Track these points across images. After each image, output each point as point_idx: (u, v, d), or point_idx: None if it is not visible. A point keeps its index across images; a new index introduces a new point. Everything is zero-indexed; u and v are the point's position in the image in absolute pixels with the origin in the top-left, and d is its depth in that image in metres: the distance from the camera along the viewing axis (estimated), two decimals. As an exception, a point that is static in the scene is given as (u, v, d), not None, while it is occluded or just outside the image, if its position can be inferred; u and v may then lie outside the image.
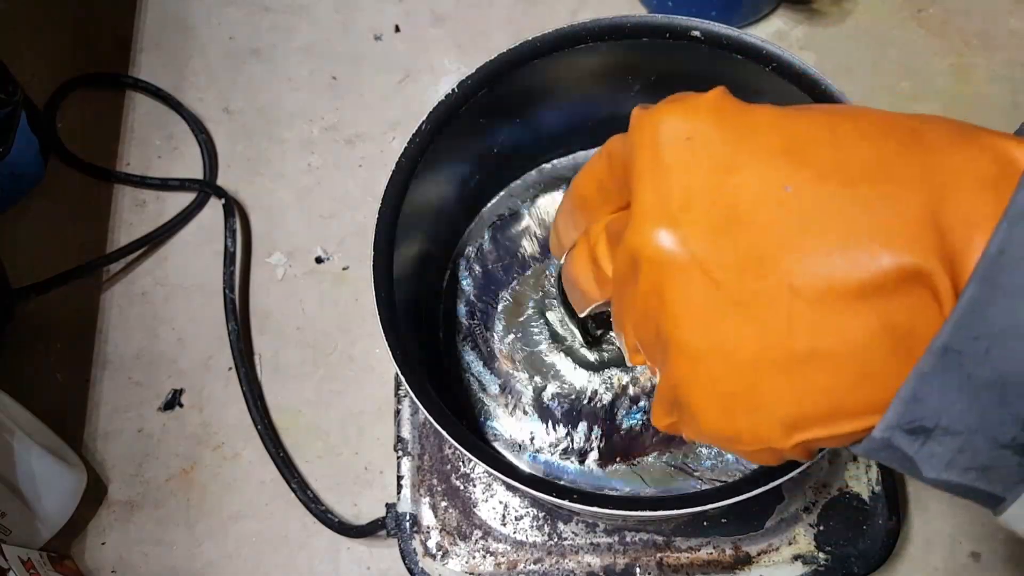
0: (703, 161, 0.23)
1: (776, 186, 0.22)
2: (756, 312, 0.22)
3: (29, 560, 0.48)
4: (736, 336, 0.22)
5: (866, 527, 0.47)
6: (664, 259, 0.23)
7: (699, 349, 0.23)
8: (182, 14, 0.70)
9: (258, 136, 0.65)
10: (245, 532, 0.54)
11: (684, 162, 0.23)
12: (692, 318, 0.23)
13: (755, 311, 0.22)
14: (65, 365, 0.59)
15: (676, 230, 0.23)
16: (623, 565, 0.46)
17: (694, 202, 0.23)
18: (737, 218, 0.22)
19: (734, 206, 0.22)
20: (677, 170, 0.23)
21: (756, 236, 0.22)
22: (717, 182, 0.23)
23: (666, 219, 0.23)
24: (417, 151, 0.43)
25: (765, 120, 0.23)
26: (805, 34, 0.66)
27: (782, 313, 0.22)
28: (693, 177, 0.23)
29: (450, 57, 0.67)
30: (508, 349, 0.48)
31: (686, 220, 0.23)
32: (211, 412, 0.57)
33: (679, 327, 0.23)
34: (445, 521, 0.48)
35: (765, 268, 0.22)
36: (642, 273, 0.24)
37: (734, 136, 0.23)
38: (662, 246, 0.23)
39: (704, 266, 0.22)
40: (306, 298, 0.60)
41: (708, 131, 0.23)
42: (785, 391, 0.22)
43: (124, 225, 0.63)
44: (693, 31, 0.43)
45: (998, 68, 0.64)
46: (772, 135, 0.23)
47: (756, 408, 0.23)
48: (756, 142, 0.23)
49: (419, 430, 0.50)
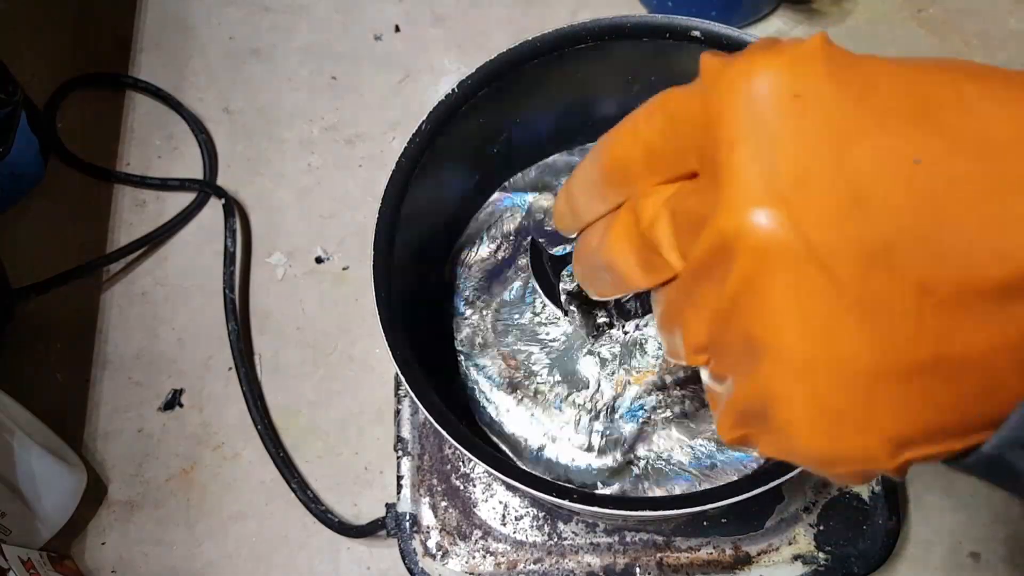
0: (817, 126, 0.19)
1: (905, 160, 0.18)
2: (878, 314, 0.19)
3: (29, 560, 0.48)
4: (852, 343, 0.19)
5: (866, 527, 0.47)
6: (771, 249, 0.19)
7: (805, 359, 0.19)
8: (182, 14, 0.70)
9: (258, 136, 0.65)
10: (245, 532, 0.54)
11: (793, 127, 0.19)
12: (800, 322, 0.19)
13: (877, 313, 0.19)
14: (65, 365, 0.59)
15: (788, 213, 0.18)
16: (623, 565, 0.46)
17: (809, 178, 0.18)
18: (860, 199, 0.18)
19: (856, 184, 0.18)
20: (786, 137, 0.19)
21: (883, 222, 0.18)
22: (836, 153, 0.18)
23: (774, 199, 0.19)
24: (417, 151, 0.43)
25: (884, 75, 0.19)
26: (805, 34, 0.66)
27: (909, 315, 0.18)
28: (806, 146, 0.19)
29: (450, 57, 0.67)
30: (508, 349, 0.48)
31: (800, 201, 0.18)
32: (211, 412, 0.57)
33: (781, 332, 0.19)
34: (445, 521, 0.48)
35: (893, 261, 0.18)
36: (736, 265, 0.19)
37: (852, 94, 0.19)
38: (769, 233, 0.19)
39: (822, 259, 0.18)
40: (306, 298, 0.60)
41: (820, 87, 0.19)
42: (900, 407, 0.19)
43: (124, 225, 0.63)
44: (693, 31, 0.43)
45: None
46: (895, 94, 0.19)
47: (866, 427, 0.20)
48: (877, 103, 0.19)
49: (419, 430, 0.50)
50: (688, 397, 0.46)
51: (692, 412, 0.46)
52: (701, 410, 0.46)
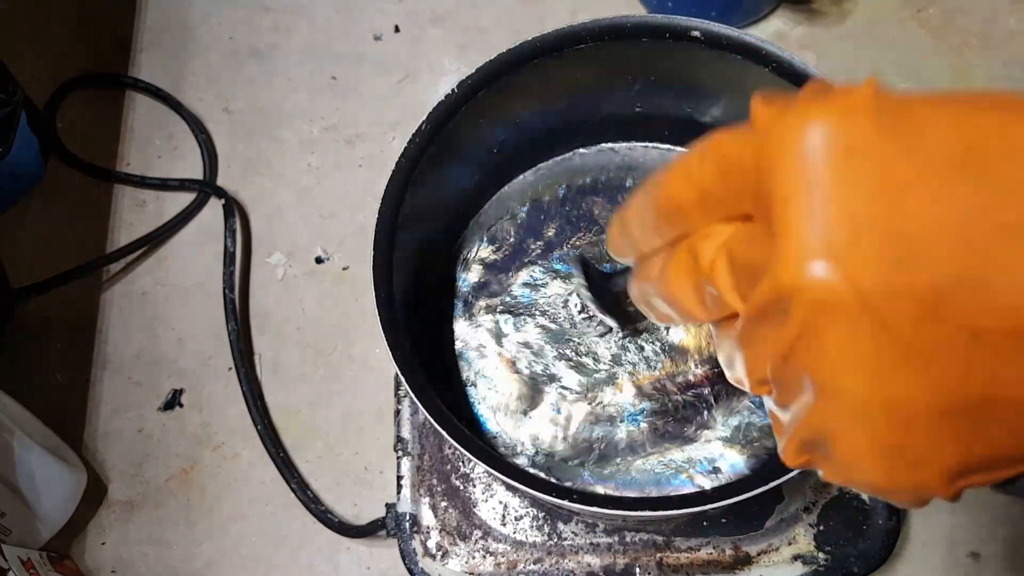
0: (870, 179, 0.19)
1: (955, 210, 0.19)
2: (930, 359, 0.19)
3: (29, 560, 0.48)
4: (906, 387, 0.20)
5: (866, 527, 0.47)
6: (827, 302, 0.20)
7: (862, 401, 0.20)
8: (182, 14, 0.70)
9: (258, 136, 0.65)
10: (245, 532, 0.54)
11: (847, 181, 0.19)
12: (856, 368, 0.20)
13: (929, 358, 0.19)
14: (65, 365, 0.59)
15: (842, 268, 0.19)
16: (623, 565, 0.46)
17: (862, 232, 0.19)
18: (911, 251, 0.19)
19: (908, 236, 0.19)
20: (839, 192, 0.19)
21: (934, 273, 0.19)
22: (888, 206, 0.19)
23: (829, 253, 0.19)
24: (417, 151, 0.43)
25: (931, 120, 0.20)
26: (805, 34, 0.66)
27: (959, 359, 0.19)
28: (859, 200, 0.19)
29: (450, 57, 0.67)
30: (508, 349, 0.48)
31: (854, 255, 0.19)
32: (211, 412, 0.57)
33: (838, 377, 0.20)
34: (445, 521, 0.48)
35: (943, 309, 0.19)
36: (794, 314, 0.20)
37: (902, 144, 0.19)
38: (825, 287, 0.19)
39: (876, 311, 0.19)
40: (306, 298, 0.60)
41: (871, 139, 0.19)
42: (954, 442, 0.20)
43: (124, 225, 0.63)
44: (693, 31, 0.43)
45: (998, 68, 0.64)
46: (943, 141, 0.19)
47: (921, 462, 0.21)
48: (926, 151, 0.19)
49: (419, 430, 0.50)
50: (688, 402, 0.46)
51: (691, 415, 0.46)
52: (700, 414, 0.46)
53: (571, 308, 0.48)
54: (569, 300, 0.48)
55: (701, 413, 0.46)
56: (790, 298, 0.20)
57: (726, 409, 0.46)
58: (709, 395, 0.46)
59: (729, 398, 0.46)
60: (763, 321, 0.22)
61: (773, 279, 0.20)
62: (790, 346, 0.21)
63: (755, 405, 0.46)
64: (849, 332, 0.20)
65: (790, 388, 0.23)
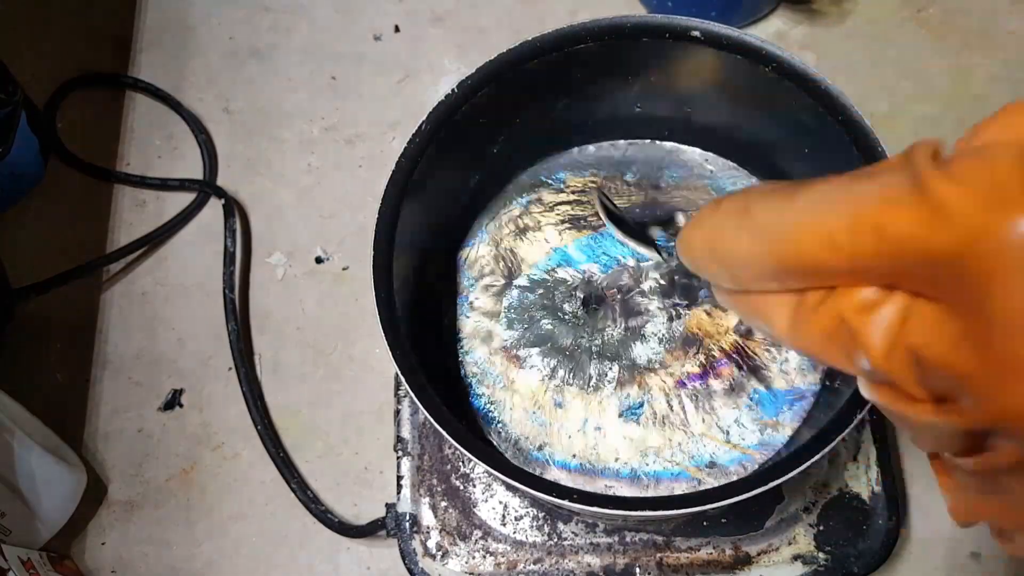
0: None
1: None
2: None
3: (29, 560, 0.48)
4: None
5: (866, 527, 0.47)
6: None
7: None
8: (182, 14, 0.70)
9: (258, 136, 0.65)
10: (245, 532, 0.54)
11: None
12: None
13: None
14: (65, 365, 0.59)
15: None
16: (623, 565, 0.46)
17: None
18: None
19: None
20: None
21: None
22: None
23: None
24: (417, 151, 0.43)
25: None
26: (805, 34, 0.66)
27: None
28: None
29: (450, 57, 0.67)
30: (509, 348, 0.48)
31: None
32: (211, 412, 0.57)
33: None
34: (445, 521, 0.48)
35: None
36: (1015, 442, 0.19)
37: None
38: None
39: None
40: (306, 298, 0.60)
41: None
42: None
43: (124, 225, 0.63)
44: (693, 31, 0.43)
45: (998, 68, 0.64)
46: None
47: None
48: None
49: (419, 430, 0.50)
50: (689, 397, 0.46)
51: (692, 412, 0.46)
52: (701, 410, 0.46)
53: (575, 303, 0.48)
54: (572, 296, 0.48)
55: (700, 409, 0.46)
56: (1014, 430, 0.18)
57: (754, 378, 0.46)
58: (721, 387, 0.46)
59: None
60: (968, 433, 0.20)
61: (993, 406, 0.18)
62: (1017, 461, 0.20)
63: (754, 403, 0.46)
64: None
65: (1006, 490, 0.22)
